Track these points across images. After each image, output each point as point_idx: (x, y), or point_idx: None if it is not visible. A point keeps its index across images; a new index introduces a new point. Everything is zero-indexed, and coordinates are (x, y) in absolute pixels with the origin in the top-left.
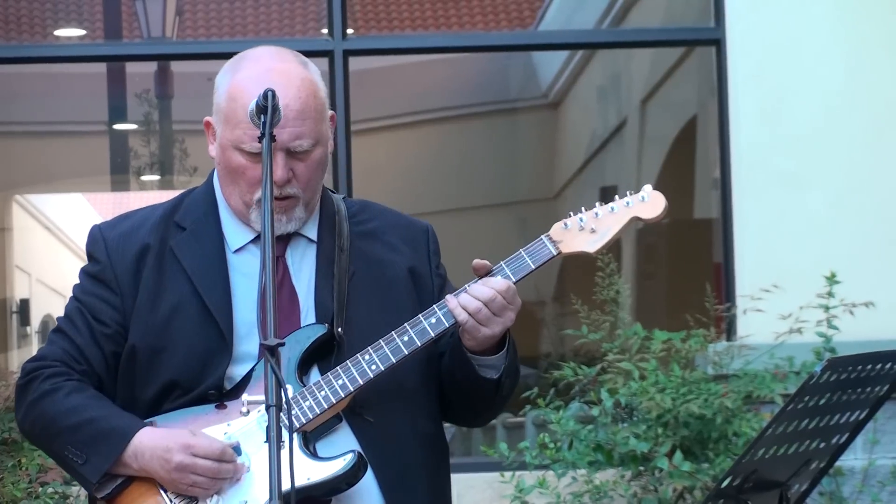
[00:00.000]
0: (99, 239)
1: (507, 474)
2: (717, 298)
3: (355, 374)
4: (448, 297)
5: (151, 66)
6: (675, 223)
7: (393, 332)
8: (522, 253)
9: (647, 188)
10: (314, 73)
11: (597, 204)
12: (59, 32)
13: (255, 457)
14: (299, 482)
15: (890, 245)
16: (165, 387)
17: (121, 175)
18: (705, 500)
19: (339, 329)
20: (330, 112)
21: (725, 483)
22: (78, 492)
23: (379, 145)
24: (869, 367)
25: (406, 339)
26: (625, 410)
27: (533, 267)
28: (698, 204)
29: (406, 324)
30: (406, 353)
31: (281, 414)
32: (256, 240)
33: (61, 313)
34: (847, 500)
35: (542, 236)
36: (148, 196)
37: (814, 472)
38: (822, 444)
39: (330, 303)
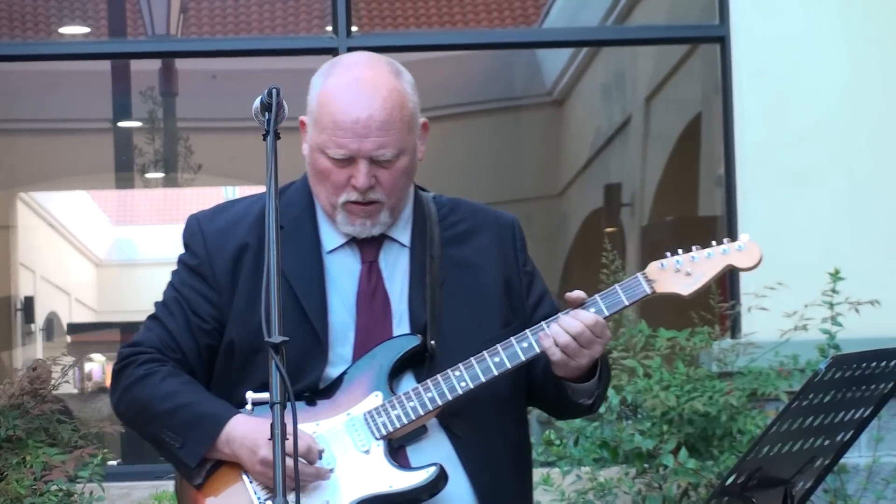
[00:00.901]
0: (197, 232)
1: None
2: (722, 296)
3: (444, 389)
4: (542, 325)
5: (156, 64)
6: (680, 220)
7: (485, 352)
8: (618, 288)
9: (745, 238)
10: (405, 82)
11: (694, 248)
12: (64, 30)
13: (341, 459)
14: (381, 489)
15: (895, 242)
16: (262, 386)
17: (125, 172)
18: (710, 498)
19: (433, 342)
20: (422, 119)
21: (730, 480)
22: (82, 489)
23: None
24: (873, 364)
25: (497, 360)
26: (629, 408)
27: (626, 303)
28: (702, 201)
29: (498, 345)
30: (496, 373)
31: (374, 419)
32: (350, 241)
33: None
34: (851, 498)
35: (639, 274)
36: (153, 194)
37: (818, 469)
38: (827, 442)
39: (422, 313)
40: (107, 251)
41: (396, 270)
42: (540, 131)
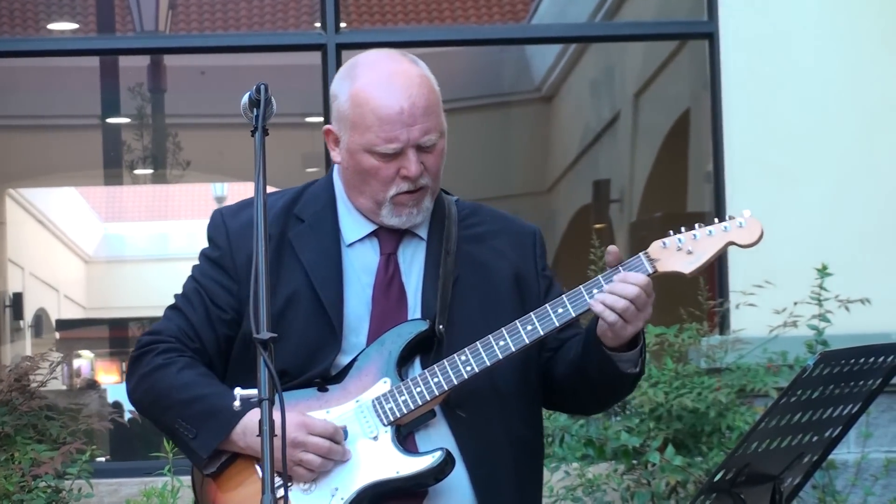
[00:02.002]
0: (220, 224)
1: None
2: (711, 293)
3: (451, 374)
4: (563, 300)
5: (144, 60)
6: (668, 217)
7: (490, 336)
8: (620, 269)
9: (747, 213)
10: (424, 67)
11: (696, 225)
12: (52, 26)
13: (351, 446)
14: (388, 475)
15: (883, 239)
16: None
17: (114, 169)
18: (698, 494)
19: (441, 327)
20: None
21: (718, 477)
22: (71, 485)
23: None
24: (861, 360)
25: (502, 343)
26: (618, 404)
27: None
28: (691, 198)
29: (503, 329)
30: (500, 357)
31: (382, 405)
32: (371, 234)
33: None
34: (840, 494)
35: (641, 254)
36: (141, 190)
37: (807, 465)
38: (815, 438)
39: (434, 302)
40: (95, 248)
41: (414, 263)
42: (528, 127)
